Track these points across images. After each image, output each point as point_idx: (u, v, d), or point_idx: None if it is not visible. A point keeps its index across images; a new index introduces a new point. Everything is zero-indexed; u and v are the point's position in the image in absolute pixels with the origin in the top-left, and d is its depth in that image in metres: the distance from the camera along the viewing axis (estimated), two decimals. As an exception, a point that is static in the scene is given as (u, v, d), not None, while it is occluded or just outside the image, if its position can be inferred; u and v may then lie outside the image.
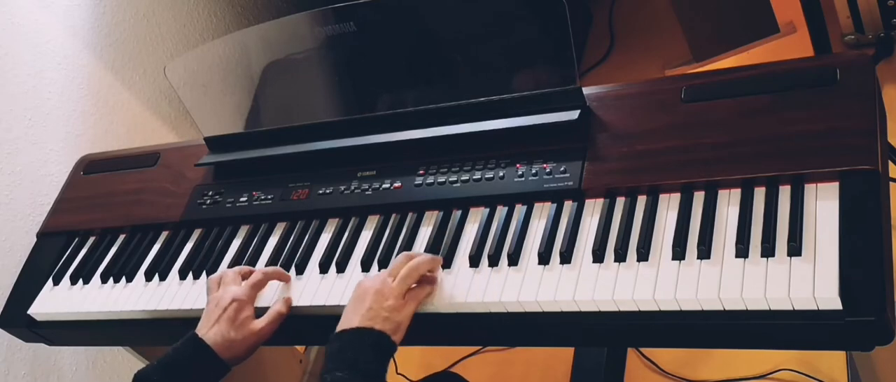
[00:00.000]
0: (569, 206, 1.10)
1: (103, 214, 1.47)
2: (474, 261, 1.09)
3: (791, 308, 0.90)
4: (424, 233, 1.17)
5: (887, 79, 1.87)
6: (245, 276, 1.19)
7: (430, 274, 1.10)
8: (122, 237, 1.43)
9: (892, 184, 1.10)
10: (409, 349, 1.96)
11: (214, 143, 1.42)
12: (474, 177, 1.17)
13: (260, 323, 1.13)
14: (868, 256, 0.89)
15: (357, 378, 0.97)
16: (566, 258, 1.04)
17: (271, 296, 1.19)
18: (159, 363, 1.09)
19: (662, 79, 1.44)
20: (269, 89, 1.37)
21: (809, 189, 0.97)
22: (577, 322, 1.01)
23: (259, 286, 1.17)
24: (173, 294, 1.28)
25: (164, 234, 1.39)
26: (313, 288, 1.17)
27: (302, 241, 1.25)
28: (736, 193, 1.01)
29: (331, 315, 1.13)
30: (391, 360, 1.03)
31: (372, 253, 1.18)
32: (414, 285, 1.08)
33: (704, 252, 0.97)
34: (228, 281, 1.16)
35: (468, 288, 1.07)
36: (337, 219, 1.25)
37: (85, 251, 1.44)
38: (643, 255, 1.00)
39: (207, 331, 1.11)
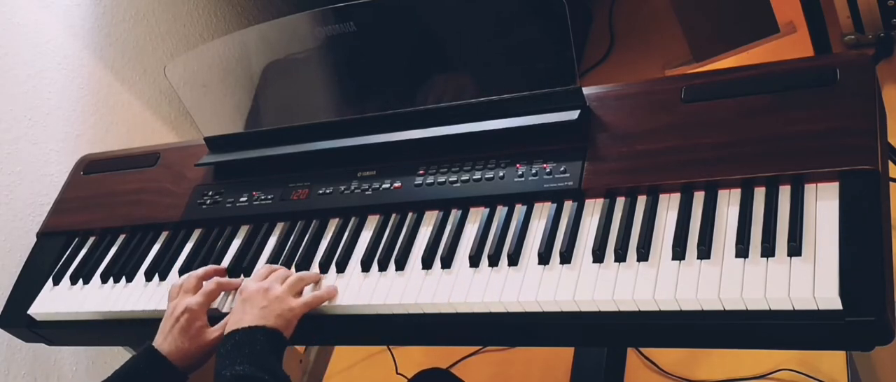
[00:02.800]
0: (569, 206, 1.10)
1: (103, 214, 1.47)
2: (474, 261, 1.09)
3: (791, 308, 0.90)
4: (424, 233, 1.17)
5: (887, 79, 1.86)
6: (208, 277, 1.22)
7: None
8: (122, 237, 1.43)
9: (892, 183, 1.10)
10: (410, 349, 1.97)
11: (214, 143, 1.42)
12: (474, 177, 1.17)
13: (213, 334, 1.16)
14: (868, 256, 0.89)
15: (257, 371, 0.99)
16: (566, 258, 1.04)
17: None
18: (117, 375, 1.12)
19: (662, 79, 1.44)
20: (269, 89, 1.37)
21: (809, 189, 0.97)
22: (577, 323, 1.01)
23: (213, 295, 1.19)
24: (173, 294, 1.28)
25: (164, 234, 1.39)
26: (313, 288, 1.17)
27: (302, 241, 1.25)
28: (736, 193, 1.01)
29: (331, 314, 1.13)
30: (391, 361, 1.04)
31: (372, 253, 1.17)
32: (306, 292, 1.14)
33: (704, 252, 0.97)
34: (188, 288, 1.19)
35: (468, 288, 1.07)
36: (337, 219, 1.25)
37: (85, 251, 1.44)
38: (643, 255, 1.00)
39: (162, 342, 1.14)
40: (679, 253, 0.98)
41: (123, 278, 1.35)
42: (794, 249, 0.92)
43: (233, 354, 1.02)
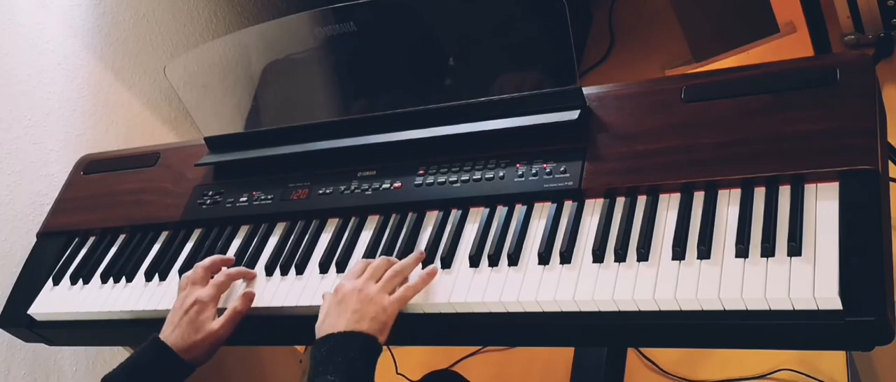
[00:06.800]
0: (569, 206, 1.10)
1: (103, 214, 1.47)
2: (474, 261, 1.09)
3: (791, 308, 0.90)
4: (424, 234, 1.17)
5: (887, 79, 1.87)
6: (218, 269, 1.21)
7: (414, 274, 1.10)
8: (122, 237, 1.43)
9: (892, 183, 1.10)
10: (409, 349, 1.97)
11: (214, 143, 1.42)
12: (474, 177, 1.17)
13: (217, 324, 1.15)
14: (868, 256, 0.89)
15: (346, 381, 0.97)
16: (566, 258, 1.04)
17: (270, 297, 1.19)
18: (124, 367, 1.12)
19: (662, 79, 1.45)
20: (269, 89, 1.37)
21: (809, 189, 0.97)
22: (576, 323, 1.01)
23: (223, 287, 1.19)
24: (173, 294, 1.27)
25: (164, 234, 1.39)
26: (314, 288, 1.17)
27: (302, 241, 1.25)
28: (736, 193, 1.01)
29: (331, 315, 1.13)
30: (391, 361, 1.03)
31: (372, 253, 1.17)
32: (398, 286, 1.08)
33: (704, 252, 0.97)
34: (196, 279, 1.19)
35: (468, 288, 1.07)
36: (337, 219, 1.25)
37: (85, 251, 1.44)
38: (643, 255, 1.00)
39: (170, 334, 1.14)
40: (679, 253, 0.98)
41: (123, 278, 1.35)
42: (794, 249, 0.92)
43: (326, 361, 0.99)
